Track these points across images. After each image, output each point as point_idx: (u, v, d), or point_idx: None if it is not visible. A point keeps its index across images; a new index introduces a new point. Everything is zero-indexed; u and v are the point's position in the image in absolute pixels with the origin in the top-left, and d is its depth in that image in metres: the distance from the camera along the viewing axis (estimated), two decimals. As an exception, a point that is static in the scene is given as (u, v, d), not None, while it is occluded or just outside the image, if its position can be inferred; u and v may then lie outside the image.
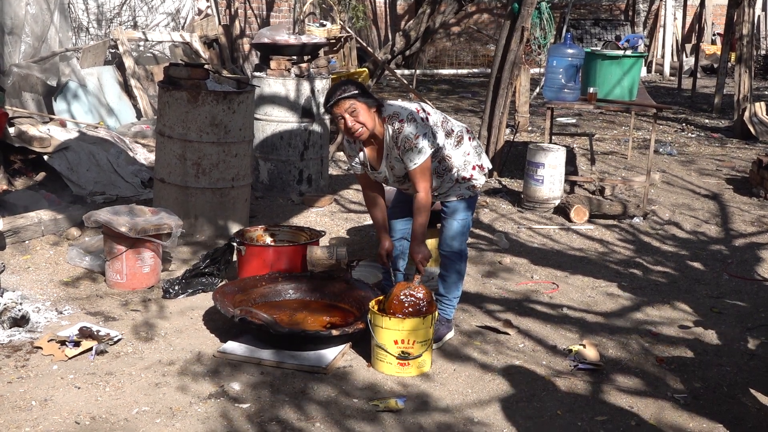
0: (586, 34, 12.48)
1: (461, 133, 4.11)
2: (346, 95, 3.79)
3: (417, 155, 3.84)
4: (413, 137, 3.81)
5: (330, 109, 3.84)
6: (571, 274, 5.32)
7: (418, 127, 3.84)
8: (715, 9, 18.98)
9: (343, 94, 3.79)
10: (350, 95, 3.79)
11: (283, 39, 6.76)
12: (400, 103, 4.00)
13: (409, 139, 3.81)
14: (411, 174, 3.91)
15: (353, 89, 3.81)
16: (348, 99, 3.79)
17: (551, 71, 6.99)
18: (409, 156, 3.84)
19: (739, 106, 10.36)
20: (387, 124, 3.87)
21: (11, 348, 3.88)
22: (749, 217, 6.80)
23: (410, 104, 3.98)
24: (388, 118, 3.86)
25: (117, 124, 8.31)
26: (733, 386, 3.86)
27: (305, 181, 6.83)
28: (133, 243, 4.61)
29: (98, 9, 9.41)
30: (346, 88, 3.82)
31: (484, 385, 3.78)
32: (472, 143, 4.14)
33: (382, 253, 4.15)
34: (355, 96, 3.79)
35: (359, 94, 3.81)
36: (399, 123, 3.83)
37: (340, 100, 3.79)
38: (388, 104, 3.94)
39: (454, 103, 12.30)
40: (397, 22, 15.79)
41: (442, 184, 4.09)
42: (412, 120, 3.84)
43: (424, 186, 3.92)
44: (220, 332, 4.16)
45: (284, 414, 3.43)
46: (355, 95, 3.80)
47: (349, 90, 3.80)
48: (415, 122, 3.84)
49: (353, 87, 3.83)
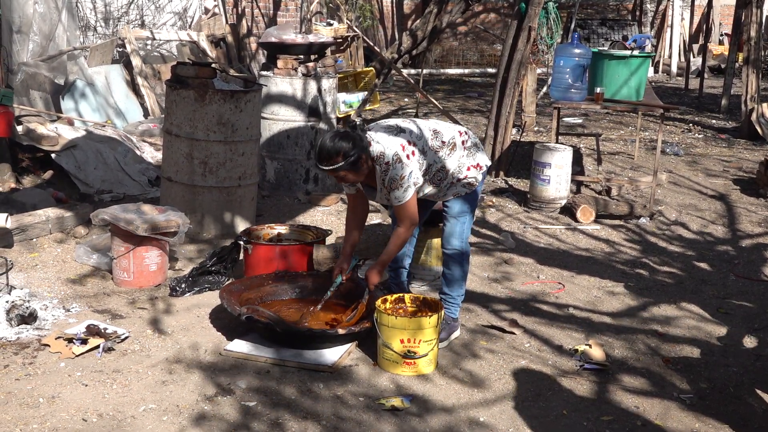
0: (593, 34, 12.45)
1: (453, 139, 4.11)
2: (334, 168, 3.79)
3: (402, 193, 3.89)
4: (398, 178, 3.86)
5: (328, 172, 3.86)
6: (578, 274, 5.32)
7: (403, 168, 3.86)
8: (723, 9, 18.92)
9: (331, 167, 3.79)
10: (337, 168, 3.79)
11: (290, 38, 6.77)
12: (386, 141, 3.90)
13: (395, 180, 3.86)
14: (395, 210, 3.98)
15: (340, 160, 3.77)
16: (335, 171, 3.83)
17: (558, 71, 6.98)
18: (395, 194, 3.90)
19: (746, 106, 10.32)
20: (375, 163, 3.88)
21: (19, 345, 3.90)
22: (756, 218, 6.79)
23: (395, 140, 3.91)
24: (376, 158, 3.87)
25: (124, 123, 8.33)
26: (740, 387, 3.85)
27: (312, 180, 6.84)
28: (140, 241, 4.62)
29: (106, 8, 9.44)
30: (334, 159, 3.78)
31: (490, 385, 3.78)
32: (465, 145, 4.14)
33: (336, 269, 4.22)
34: (341, 168, 3.80)
35: (344, 166, 3.78)
36: (385, 165, 3.86)
37: (341, 167, 3.80)
38: (375, 141, 3.88)
39: (460, 102, 12.29)
40: (404, 21, 15.78)
41: (440, 189, 4.11)
42: (397, 162, 3.85)
43: (406, 223, 3.98)
44: (226, 330, 4.17)
45: (290, 412, 3.44)
46: (341, 167, 3.79)
47: (336, 162, 3.77)
48: (400, 163, 3.85)
49: (340, 155, 3.77)
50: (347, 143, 3.79)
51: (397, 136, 3.94)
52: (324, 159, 3.81)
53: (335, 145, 3.79)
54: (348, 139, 3.81)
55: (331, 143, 3.80)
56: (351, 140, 3.80)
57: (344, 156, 3.78)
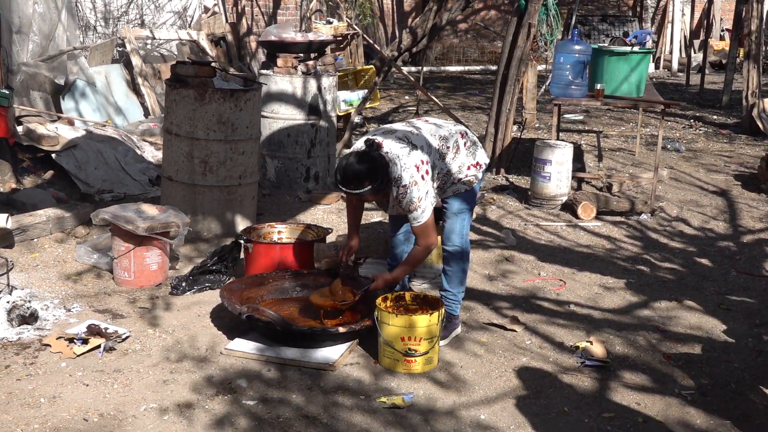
0: (594, 30, 12.43)
1: (457, 142, 4.10)
2: (360, 192, 3.79)
3: (420, 214, 3.87)
4: (416, 200, 3.84)
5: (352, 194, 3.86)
6: (579, 270, 5.32)
7: (419, 189, 3.84)
8: (724, 5, 18.90)
9: (357, 191, 3.79)
10: (363, 192, 3.79)
11: (290, 36, 6.77)
12: (403, 161, 3.84)
13: (413, 202, 3.84)
14: (414, 230, 3.95)
15: (367, 185, 3.76)
16: (355, 194, 3.83)
17: (558, 68, 6.97)
18: (413, 215, 3.88)
19: (747, 102, 10.32)
20: (392, 185, 3.85)
21: (20, 345, 3.90)
22: (757, 214, 6.78)
23: (410, 160, 3.85)
24: (393, 180, 3.84)
25: (125, 123, 8.33)
26: (741, 383, 3.85)
27: (312, 178, 6.83)
28: (140, 241, 4.63)
29: (105, 7, 9.43)
30: (362, 184, 3.76)
31: (491, 382, 3.78)
32: (465, 145, 4.14)
33: (344, 250, 4.27)
34: (367, 193, 3.80)
35: (370, 191, 3.78)
36: (402, 188, 3.83)
37: (365, 192, 3.80)
38: (392, 162, 3.83)
39: (461, 100, 12.28)
40: (404, 19, 15.77)
41: (441, 189, 4.11)
42: (413, 185, 3.82)
43: (425, 242, 3.96)
44: (227, 329, 4.17)
45: (291, 411, 3.44)
46: (367, 192, 3.79)
47: (363, 187, 3.76)
48: (416, 186, 3.83)
49: (367, 181, 3.76)
50: (373, 167, 3.77)
51: (411, 154, 3.88)
52: (350, 183, 3.79)
53: (362, 169, 3.76)
54: (373, 162, 3.78)
55: (359, 167, 3.77)
56: (376, 164, 3.78)
57: (371, 181, 3.77)
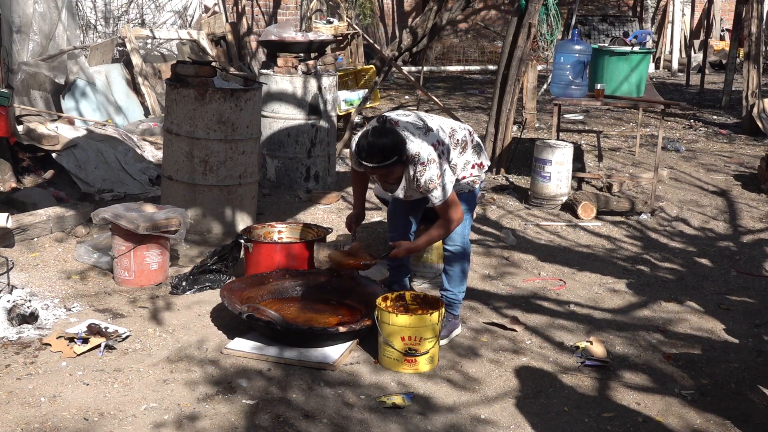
0: (594, 30, 12.43)
1: (465, 138, 4.10)
2: (386, 165, 3.73)
3: (441, 192, 3.83)
4: (436, 178, 3.79)
5: (370, 169, 3.80)
6: (579, 270, 5.32)
7: (439, 166, 3.81)
8: (724, 5, 18.90)
9: (384, 163, 3.72)
10: (389, 164, 3.74)
11: (290, 36, 6.77)
12: (420, 140, 3.84)
13: (433, 180, 3.79)
14: (437, 209, 3.91)
15: (393, 156, 3.71)
16: (382, 168, 3.77)
17: (558, 68, 6.98)
18: (434, 194, 3.84)
19: (747, 102, 10.32)
20: (408, 162, 3.81)
21: (20, 345, 3.90)
22: (757, 214, 6.78)
23: (427, 139, 3.86)
24: (411, 157, 3.79)
25: (125, 122, 8.33)
26: (741, 383, 3.85)
27: (312, 178, 6.84)
28: (141, 240, 4.63)
29: (106, 7, 9.43)
30: (388, 155, 3.71)
31: (491, 382, 3.78)
32: (472, 144, 4.14)
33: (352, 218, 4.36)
34: (393, 165, 3.75)
35: (396, 162, 3.73)
36: (421, 165, 3.78)
37: (385, 166, 3.75)
38: (409, 140, 3.80)
39: (461, 100, 12.29)
40: (404, 19, 15.77)
41: None
42: (432, 162, 3.79)
43: (450, 217, 3.91)
44: (227, 329, 4.18)
45: (291, 410, 3.44)
46: (393, 163, 3.74)
47: (390, 158, 3.71)
48: (435, 163, 3.80)
49: (394, 152, 3.71)
50: (396, 140, 3.72)
51: (428, 134, 3.90)
52: (375, 157, 3.72)
53: (387, 142, 3.70)
54: (395, 134, 3.74)
55: (383, 140, 3.70)
56: (397, 137, 3.74)
57: (398, 153, 3.71)
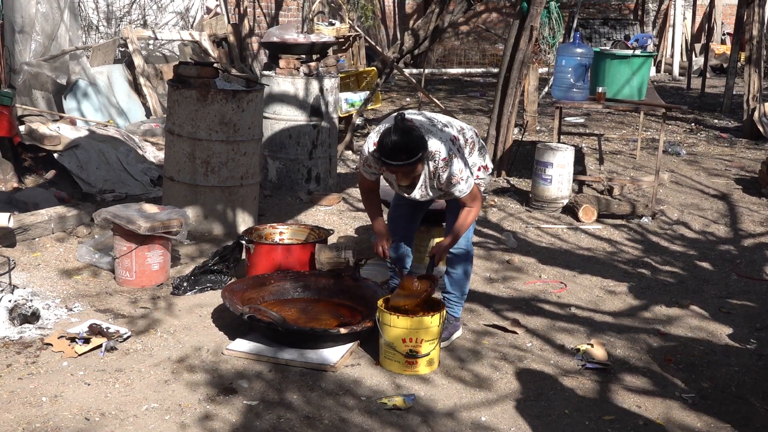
0: (595, 34, 12.44)
1: (473, 138, 4.10)
2: (414, 161, 3.68)
3: (465, 185, 3.84)
4: (458, 173, 3.80)
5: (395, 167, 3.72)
6: (579, 273, 5.32)
7: (461, 160, 3.82)
8: (725, 8, 18.91)
9: (410, 160, 3.67)
10: (416, 161, 3.69)
11: (292, 38, 6.78)
12: (439, 136, 3.82)
13: (455, 175, 3.79)
14: (462, 200, 3.91)
15: (419, 152, 3.66)
16: (408, 166, 3.71)
17: (560, 71, 6.98)
18: (458, 188, 3.83)
19: (748, 106, 10.33)
20: (428, 160, 3.80)
21: (21, 344, 3.90)
22: (758, 217, 6.78)
23: (445, 134, 3.85)
24: (431, 154, 3.78)
25: (126, 123, 8.34)
26: (742, 386, 3.85)
27: (314, 179, 6.84)
28: (142, 240, 4.63)
29: (108, 8, 9.44)
30: (409, 152, 3.65)
31: (492, 384, 3.78)
32: (478, 145, 4.15)
33: (380, 244, 4.08)
34: (419, 161, 3.71)
35: (421, 158, 3.70)
36: (442, 162, 3.77)
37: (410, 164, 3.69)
38: (428, 138, 3.78)
39: (462, 102, 12.29)
40: (405, 21, 15.78)
41: (447, 192, 4.09)
42: (453, 157, 3.79)
43: (477, 205, 3.94)
44: (228, 330, 4.18)
45: (292, 412, 3.44)
46: (419, 160, 3.69)
47: (417, 154, 3.66)
48: (457, 157, 3.80)
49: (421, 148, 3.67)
50: (418, 135, 3.69)
51: (444, 130, 3.89)
52: (401, 155, 3.65)
53: (410, 139, 3.66)
54: (416, 131, 3.70)
55: (406, 138, 3.65)
56: (419, 132, 3.71)
57: (423, 148, 3.68)
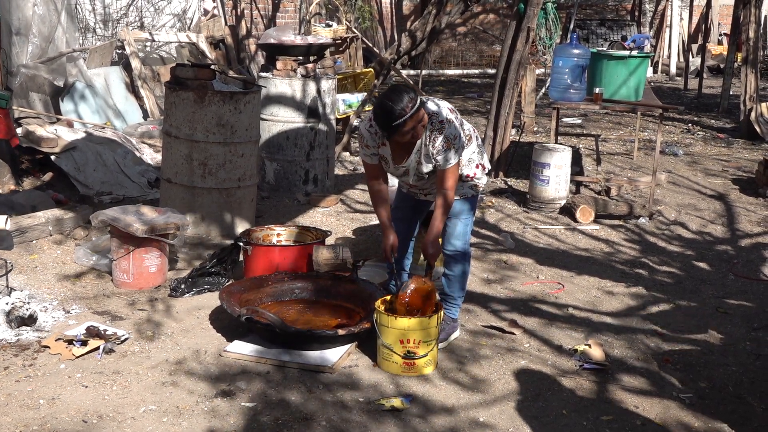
0: (592, 35, 12.47)
1: (470, 131, 4.14)
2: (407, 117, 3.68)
3: (454, 154, 3.87)
4: (452, 138, 3.83)
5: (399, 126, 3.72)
6: (577, 274, 5.33)
7: (456, 127, 3.87)
8: (722, 9, 18.93)
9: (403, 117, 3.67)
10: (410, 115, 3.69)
11: (290, 39, 6.78)
12: (434, 100, 3.95)
13: (449, 139, 3.83)
14: (442, 172, 3.90)
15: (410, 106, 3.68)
16: (418, 112, 3.72)
17: (557, 71, 6.99)
18: (447, 155, 3.86)
19: (745, 106, 10.34)
20: (425, 126, 3.82)
21: (19, 347, 3.90)
22: (755, 218, 6.79)
23: (441, 102, 3.96)
24: (430, 115, 3.82)
25: (124, 125, 8.33)
26: (739, 386, 3.86)
27: (311, 181, 6.84)
28: (140, 242, 4.63)
29: (105, 10, 9.43)
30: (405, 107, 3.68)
31: (490, 385, 3.78)
32: (476, 142, 4.16)
33: (387, 248, 4.09)
34: (412, 114, 3.70)
35: (413, 111, 3.70)
36: (439, 123, 3.83)
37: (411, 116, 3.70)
38: (426, 103, 3.87)
39: (459, 103, 12.30)
40: (403, 22, 15.79)
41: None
42: (450, 121, 3.85)
43: (451, 184, 3.94)
44: (226, 331, 4.18)
45: (290, 413, 3.44)
46: (413, 114, 3.70)
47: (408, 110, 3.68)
48: (453, 123, 3.86)
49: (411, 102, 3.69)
50: (407, 88, 3.74)
51: (442, 101, 3.96)
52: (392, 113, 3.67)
53: (405, 92, 3.70)
54: (406, 88, 3.75)
55: (395, 94, 3.69)
56: (409, 89, 3.75)
57: (412, 101, 3.69)
